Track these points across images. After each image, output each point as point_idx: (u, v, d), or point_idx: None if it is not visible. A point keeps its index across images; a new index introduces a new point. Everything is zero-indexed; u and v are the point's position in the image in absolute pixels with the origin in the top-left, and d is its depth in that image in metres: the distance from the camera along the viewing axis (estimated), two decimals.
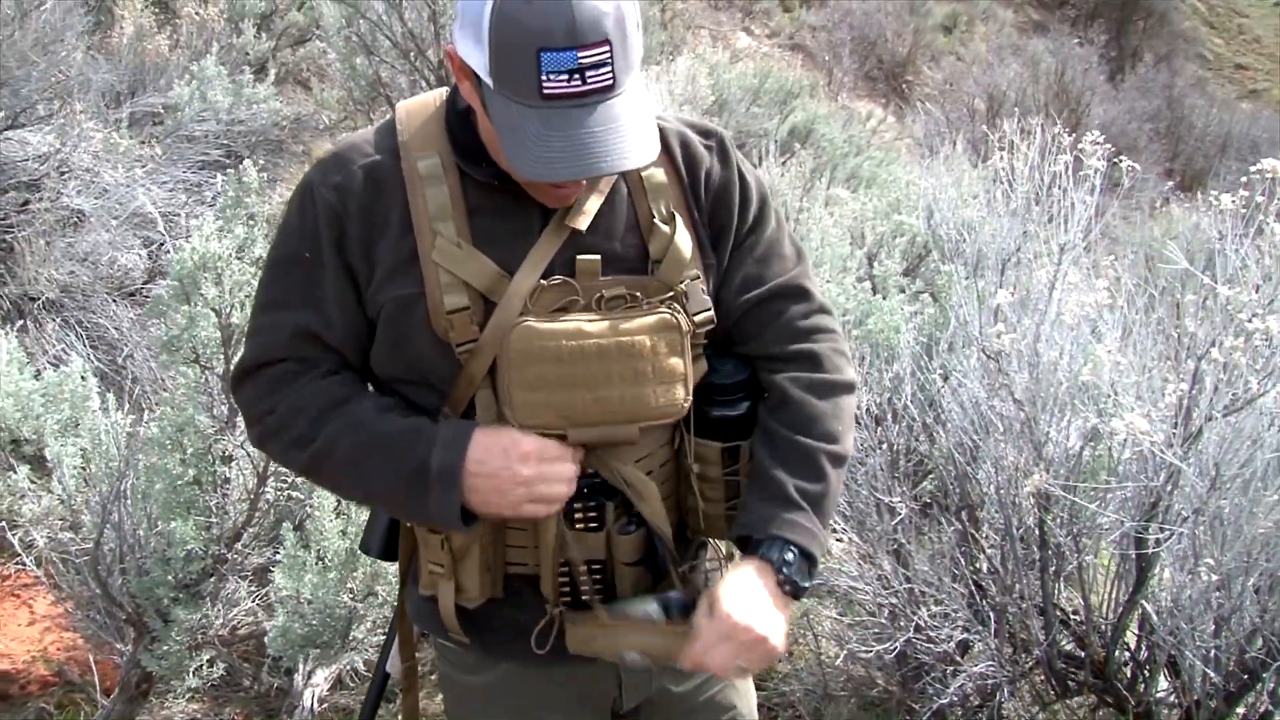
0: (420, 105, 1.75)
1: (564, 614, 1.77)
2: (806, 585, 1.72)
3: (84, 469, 3.53)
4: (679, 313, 1.71)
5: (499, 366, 1.65)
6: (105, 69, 6.08)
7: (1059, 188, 3.09)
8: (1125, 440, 2.81)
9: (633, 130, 1.51)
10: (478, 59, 1.50)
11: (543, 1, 1.43)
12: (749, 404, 1.84)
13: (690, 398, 1.74)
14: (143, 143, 5.14)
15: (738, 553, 1.80)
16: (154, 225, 4.60)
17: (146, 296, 4.64)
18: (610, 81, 1.48)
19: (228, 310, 2.78)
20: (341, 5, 7.11)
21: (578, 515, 1.74)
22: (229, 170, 3.14)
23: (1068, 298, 3.08)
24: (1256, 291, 2.69)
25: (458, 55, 1.55)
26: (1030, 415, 3.04)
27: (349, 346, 1.72)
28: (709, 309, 1.76)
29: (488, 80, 1.50)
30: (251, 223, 2.88)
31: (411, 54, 7.19)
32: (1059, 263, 3.09)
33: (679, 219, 1.75)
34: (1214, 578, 2.52)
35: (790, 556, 1.70)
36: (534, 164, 1.49)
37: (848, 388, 1.84)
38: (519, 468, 1.60)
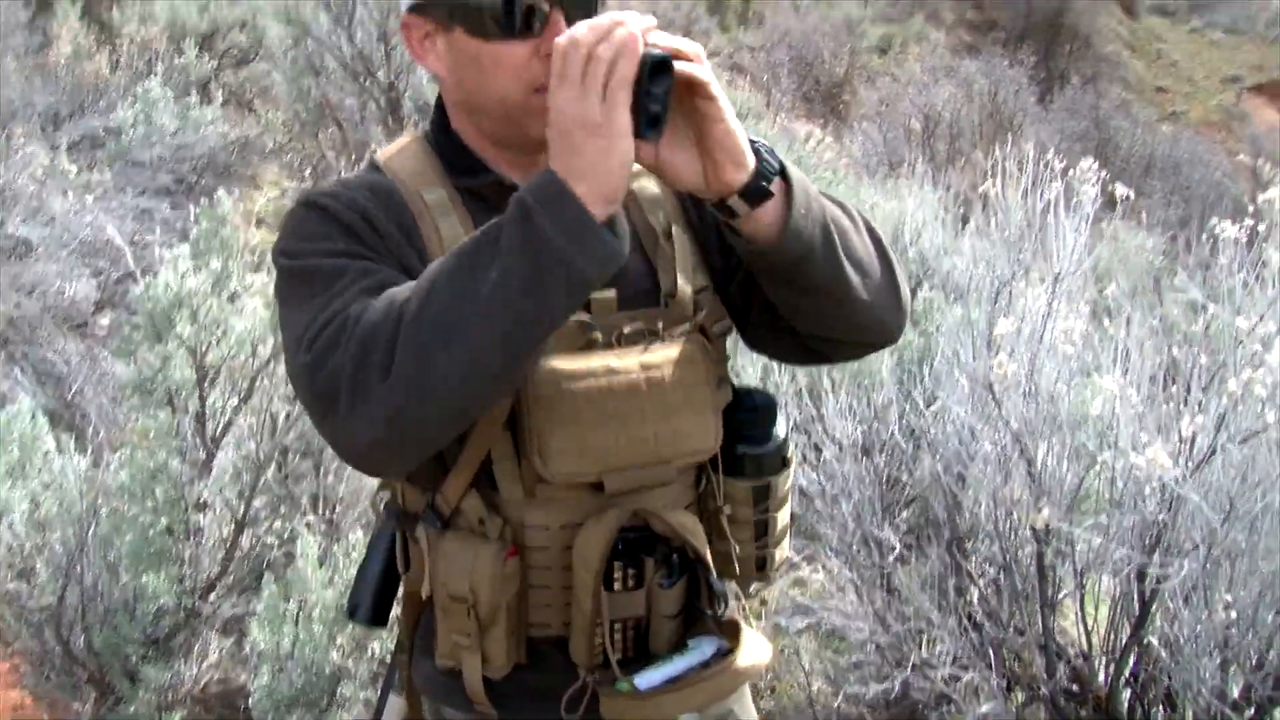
0: (398, 147, 1.66)
1: (597, 681, 1.66)
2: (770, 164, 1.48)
3: (33, 514, 3.35)
4: (703, 342, 1.64)
5: (522, 412, 1.54)
6: (42, 90, 5.87)
7: (1052, 215, 3.06)
8: (1129, 471, 2.78)
9: None
10: None
11: None
12: (779, 436, 1.75)
13: (721, 432, 1.66)
14: (89, 166, 4.94)
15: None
16: (102, 254, 4.41)
17: (96, 328, 4.44)
18: None
19: (203, 349, 2.63)
20: (289, 26, 6.94)
21: (616, 576, 1.63)
22: (177, 195, 2.99)
23: (1062, 325, 3.05)
24: (1261, 320, 2.67)
25: (415, 17, 1.52)
26: (1030, 447, 2.99)
27: None
28: (724, 318, 1.70)
29: None
30: (226, 254, 2.73)
31: (361, 75, 7.04)
32: (1053, 291, 3.05)
33: (678, 230, 1.67)
34: (1232, 614, 2.48)
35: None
36: None
37: (870, 226, 1.65)
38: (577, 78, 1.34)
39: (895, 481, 3.87)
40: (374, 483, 3.66)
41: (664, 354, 1.60)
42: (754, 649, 1.69)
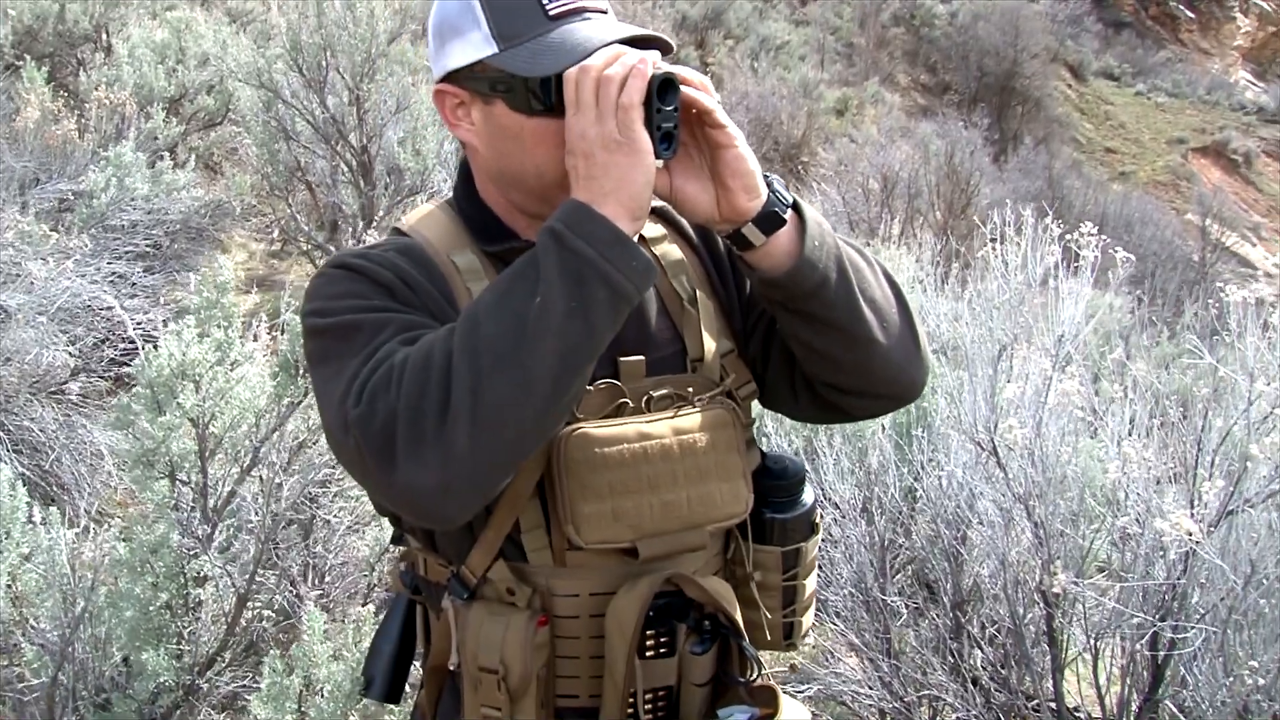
0: (423, 214, 1.66)
1: None
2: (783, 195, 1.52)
3: (11, 587, 3.23)
4: (733, 406, 1.64)
5: (552, 479, 1.52)
6: (11, 155, 5.78)
7: (1054, 279, 3.08)
8: (1142, 534, 2.77)
9: (633, 27, 1.49)
10: (477, 43, 1.47)
11: None
12: (807, 502, 1.74)
13: (752, 495, 1.65)
14: (64, 230, 4.86)
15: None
16: (79, 320, 4.32)
17: (74, 394, 4.35)
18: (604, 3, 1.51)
19: (206, 420, 2.57)
20: (260, 90, 6.90)
21: (649, 643, 1.60)
22: (151, 260, 2.93)
23: (1063, 387, 3.05)
24: (1269, 384, 2.69)
25: (450, 86, 1.52)
26: (1037, 508, 2.98)
27: None
28: (749, 380, 1.70)
29: (494, 47, 1.46)
30: (227, 324, 2.67)
31: (333, 139, 7.01)
32: (1057, 354, 3.06)
33: (702, 296, 1.68)
34: (1259, 680, 2.46)
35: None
36: (541, 57, 1.45)
37: (887, 272, 1.66)
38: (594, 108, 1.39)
39: (891, 544, 3.84)
40: (367, 552, 3.56)
41: (695, 418, 1.60)
42: (793, 714, 1.66)
